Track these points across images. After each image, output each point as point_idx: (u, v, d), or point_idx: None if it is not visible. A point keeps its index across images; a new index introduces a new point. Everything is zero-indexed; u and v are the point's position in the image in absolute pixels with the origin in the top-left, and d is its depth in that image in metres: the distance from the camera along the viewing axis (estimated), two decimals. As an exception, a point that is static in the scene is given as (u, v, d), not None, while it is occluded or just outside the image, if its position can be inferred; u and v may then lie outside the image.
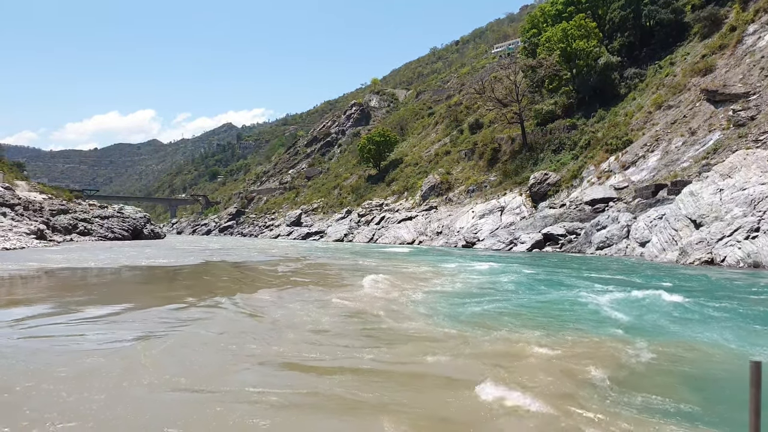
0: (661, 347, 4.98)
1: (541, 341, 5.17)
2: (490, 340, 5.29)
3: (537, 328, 5.89)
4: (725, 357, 4.74)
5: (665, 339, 5.38)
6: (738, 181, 15.35)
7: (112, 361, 4.35)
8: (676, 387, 3.92)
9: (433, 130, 63.91)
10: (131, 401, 3.45)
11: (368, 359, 4.59)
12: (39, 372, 4.03)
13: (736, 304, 7.49)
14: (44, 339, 5.25)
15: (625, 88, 36.17)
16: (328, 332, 5.69)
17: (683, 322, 6.31)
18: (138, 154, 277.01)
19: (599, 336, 5.46)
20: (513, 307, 7.49)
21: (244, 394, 3.64)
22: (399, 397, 3.60)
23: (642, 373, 4.22)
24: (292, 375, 4.18)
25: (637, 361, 4.53)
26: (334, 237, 47.09)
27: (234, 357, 4.60)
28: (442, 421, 3.24)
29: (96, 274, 12.62)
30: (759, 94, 23.95)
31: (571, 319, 6.48)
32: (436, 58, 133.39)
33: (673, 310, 7.06)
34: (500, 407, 3.40)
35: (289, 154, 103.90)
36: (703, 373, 4.36)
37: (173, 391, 3.67)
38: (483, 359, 4.55)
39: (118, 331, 5.66)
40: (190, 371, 4.14)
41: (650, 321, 6.37)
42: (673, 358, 4.71)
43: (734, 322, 6.21)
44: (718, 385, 4.15)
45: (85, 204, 40.88)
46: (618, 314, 6.71)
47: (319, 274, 13.36)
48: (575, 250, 21.84)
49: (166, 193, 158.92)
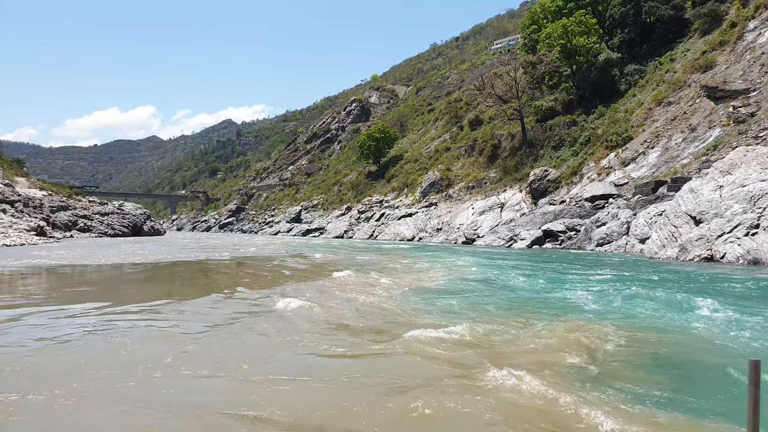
0: (628, 332, 5.54)
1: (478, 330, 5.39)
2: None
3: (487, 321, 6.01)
4: (688, 341, 5.30)
5: (631, 324, 5.94)
6: (738, 178, 15.35)
7: (202, 346, 4.86)
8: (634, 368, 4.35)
9: (433, 126, 63.83)
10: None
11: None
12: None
13: (721, 299, 7.52)
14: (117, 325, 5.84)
15: (626, 84, 36.12)
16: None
17: (654, 310, 6.81)
18: (138, 150, 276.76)
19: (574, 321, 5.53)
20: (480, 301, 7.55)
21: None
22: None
23: (610, 356, 4.68)
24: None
25: (604, 347, 4.99)
26: (334, 234, 47.12)
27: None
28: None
29: (131, 270, 12.81)
30: (759, 90, 23.92)
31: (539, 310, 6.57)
32: (436, 55, 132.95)
33: (648, 301, 7.44)
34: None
35: (289, 150, 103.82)
36: (662, 355, 4.80)
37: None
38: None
39: (187, 322, 6.10)
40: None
41: (618, 310, 6.90)
42: (639, 341, 5.21)
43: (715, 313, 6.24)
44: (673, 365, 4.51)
45: (85, 200, 40.90)
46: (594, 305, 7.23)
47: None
48: (575, 246, 21.85)
49: (165, 190, 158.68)
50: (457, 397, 3.49)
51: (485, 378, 3.89)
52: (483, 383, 3.80)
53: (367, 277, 10.96)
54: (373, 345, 4.96)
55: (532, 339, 5.23)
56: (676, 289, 8.46)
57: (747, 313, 6.45)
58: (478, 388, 3.69)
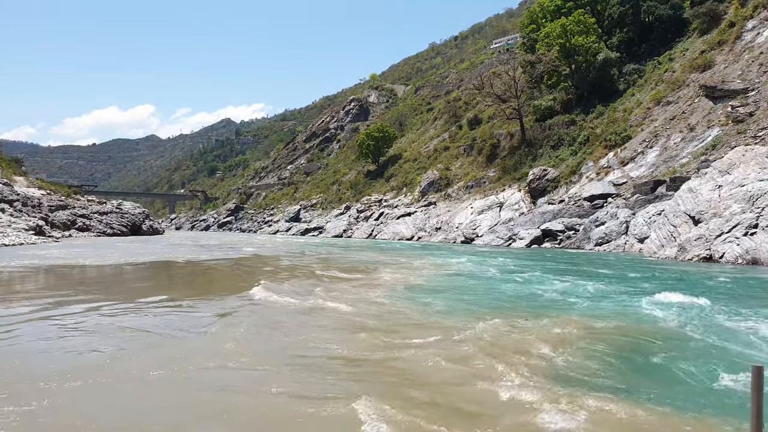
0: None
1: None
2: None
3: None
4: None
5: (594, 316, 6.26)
6: (737, 178, 15.39)
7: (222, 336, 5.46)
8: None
9: (432, 125, 63.82)
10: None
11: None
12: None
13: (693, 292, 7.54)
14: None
15: (624, 83, 36.15)
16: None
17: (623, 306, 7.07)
18: (136, 149, 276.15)
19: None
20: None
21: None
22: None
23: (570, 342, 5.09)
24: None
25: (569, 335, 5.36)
26: (333, 233, 47.11)
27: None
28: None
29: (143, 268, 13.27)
30: (758, 90, 23.95)
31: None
32: (434, 54, 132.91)
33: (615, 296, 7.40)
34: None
35: (288, 149, 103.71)
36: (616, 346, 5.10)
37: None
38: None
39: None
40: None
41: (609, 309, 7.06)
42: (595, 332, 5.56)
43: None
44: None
45: (83, 200, 40.85)
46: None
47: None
48: (574, 246, 21.87)
49: (164, 189, 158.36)
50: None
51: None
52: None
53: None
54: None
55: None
56: (671, 288, 8.44)
57: (744, 314, 6.47)
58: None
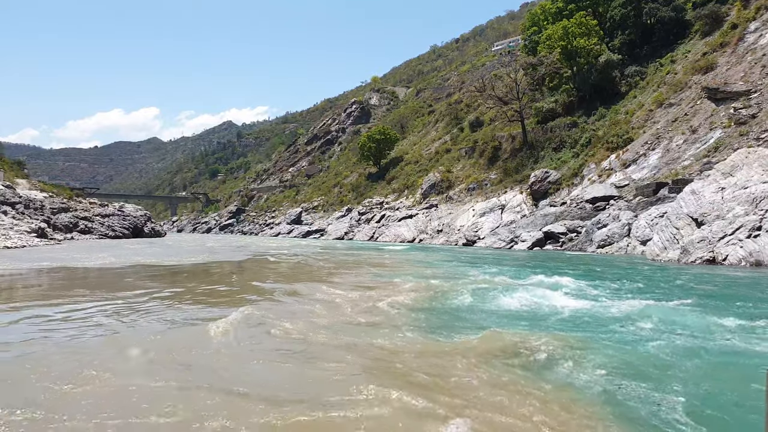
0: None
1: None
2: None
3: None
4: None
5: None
6: (740, 180, 15.34)
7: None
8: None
9: (434, 128, 63.87)
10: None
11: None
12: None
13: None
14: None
15: (626, 86, 36.12)
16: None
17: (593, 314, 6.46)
18: (138, 152, 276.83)
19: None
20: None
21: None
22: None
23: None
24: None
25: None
26: (335, 235, 47.09)
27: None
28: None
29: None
30: (760, 92, 23.91)
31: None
32: (436, 56, 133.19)
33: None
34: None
35: (290, 152, 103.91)
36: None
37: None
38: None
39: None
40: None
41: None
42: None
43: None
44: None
45: (85, 202, 40.90)
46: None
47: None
48: (576, 248, 21.82)
49: (166, 191, 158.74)
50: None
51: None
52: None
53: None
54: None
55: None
56: (670, 290, 8.43)
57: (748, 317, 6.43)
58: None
